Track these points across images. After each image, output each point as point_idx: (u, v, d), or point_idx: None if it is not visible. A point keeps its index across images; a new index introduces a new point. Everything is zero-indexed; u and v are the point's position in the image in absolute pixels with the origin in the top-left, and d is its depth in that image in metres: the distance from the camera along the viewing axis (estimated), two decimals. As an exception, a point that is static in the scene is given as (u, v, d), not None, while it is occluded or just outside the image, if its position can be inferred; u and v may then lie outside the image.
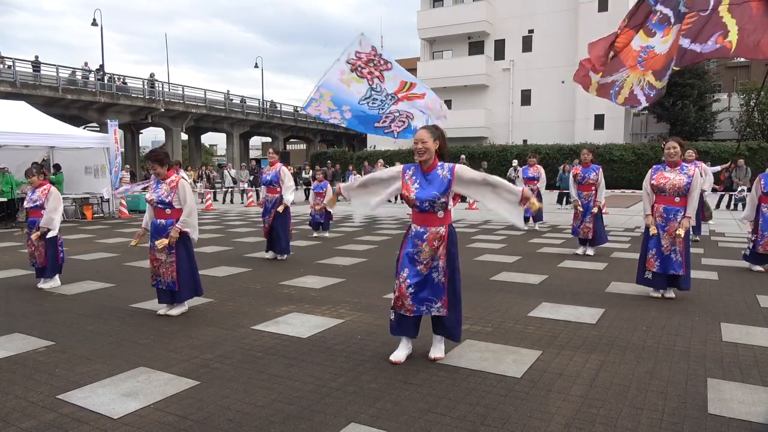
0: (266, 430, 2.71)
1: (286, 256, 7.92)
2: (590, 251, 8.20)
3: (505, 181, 3.55)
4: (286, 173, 7.87)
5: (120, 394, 3.15)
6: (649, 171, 5.46)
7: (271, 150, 8.33)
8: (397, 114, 7.76)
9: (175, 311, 4.90)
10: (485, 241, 9.74)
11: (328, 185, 10.73)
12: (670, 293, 5.41)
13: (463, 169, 3.53)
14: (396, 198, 20.42)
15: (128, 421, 2.83)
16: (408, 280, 3.52)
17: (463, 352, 3.81)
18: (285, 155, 39.54)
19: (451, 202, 3.61)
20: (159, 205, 4.85)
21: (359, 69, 7.73)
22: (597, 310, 4.93)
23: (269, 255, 7.98)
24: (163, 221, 4.86)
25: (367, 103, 7.75)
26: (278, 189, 7.82)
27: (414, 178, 3.58)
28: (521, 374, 3.42)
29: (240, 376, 3.43)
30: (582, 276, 6.60)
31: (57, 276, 6.24)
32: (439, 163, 3.56)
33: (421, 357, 3.70)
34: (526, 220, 11.36)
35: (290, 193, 7.77)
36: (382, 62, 7.71)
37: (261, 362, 3.66)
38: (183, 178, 4.99)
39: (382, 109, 7.81)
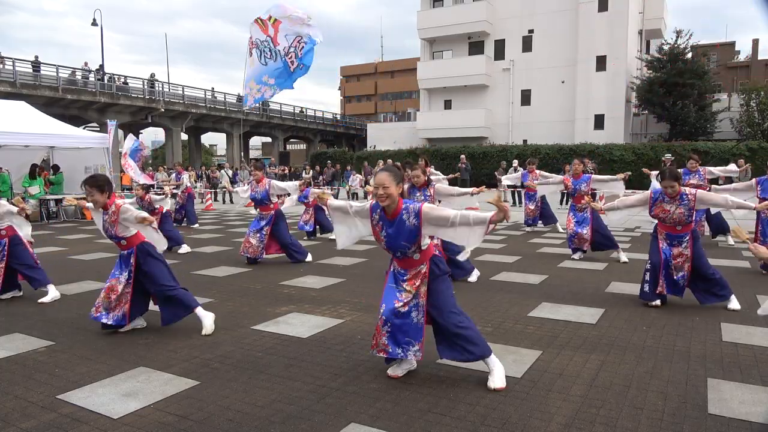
0: (266, 430, 2.71)
1: (309, 255, 7.75)
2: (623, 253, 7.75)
3: (473, 213, 3.21)
4: (277, 185, 7.60)
5: (120, 394, 3.15)
6: (650, 194, 5.06)
7: (252, 168, 8.01)
8: (289, 46, 8.29)
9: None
10: (485, 241, 9.68)
11: (311, 189, 10.27)
12: (734, 304, 4.97)
13: (429, 210, 3.19)
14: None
15: (128, 421, 2.83)
16: (383, 316, 3.29)
17: (463, 352, 3.81)
18: (285, 155, 39.52)
19: (426, 242, 3.32)
20: (113, 240, 4.41)
21: (248, 51, 8.62)
22: (597, 310, 4.92)
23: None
24: (124, 252, 4.42)
25: (264, 59, 8.45)
26: (271, 206, 7.52)
27: (381, 224, 3.30)
28: (521, 374, 3.42)
29: (240, 376, 3.43)
30: (582, 276, 6.60)
31: (51, 286, 5.62)
32: (404, 206, 3.22)
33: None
34: (532, 224, 11.28)
35: (294, 191, 7.61)
36: (251, 42, 8.64)
37: (261, 362, 3.66)
38: (119, 203, 4.35)
39: (277, 54, 8.45)
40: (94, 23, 30.80)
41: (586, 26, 31.34)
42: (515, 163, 19.29)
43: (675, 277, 4.99)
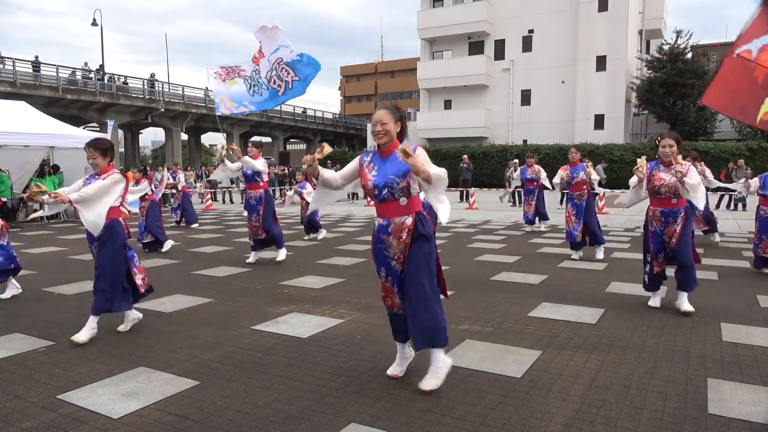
0: (266, 430, 2.71)
1: (284, 251, 7.80)
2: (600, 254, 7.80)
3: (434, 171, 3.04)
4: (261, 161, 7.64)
5: (120, 394, 3.15)
6: (645, 165, 5.03)
7: (250, 144, 7.98)
8: (275, 74, 8.25)
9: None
10: (485, 241, 9.74)
11: (307, 184, 10.29)
12: (687, 305, 4.82)
13: (423, 153, 3.12)
14: (355, 196, 20.07)
15: (128, 421, 2.83)
16: (390, 278, 3.26)
17: (463, 352, 3.81)
18: (285, 155, 39.52)
19: (416, 187, 3.19)
20: None
21: (229, 75, 8.46)
22: (597, 310, 4.92)
23: (252, 258, 7.70)
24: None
25: (254, 89, 8.35)
26: (260, 184, 7.60)
27: (372, 165, 3.25)
28: (521, 374, 3.42)
29: (240, 376, 3.43)
30: (582, 276, 6.60)
31: (12, 279, 5.71)
32: (400, 145, 3.13)
33: (420, 357, 3.69)
34: (531, 222, 11.29)
35: (261, 165, 7.56)
36: (239, 69, 8.43)
37: (261, 362, 3.66)
38: (116, 171, 4.37)
39: (264, 86, 8.36)
40: (94, 23, 30.85)
41: (586, 26, 31.35)
42: (515, 161, 19.29)
43: (674, 248, 4.91)
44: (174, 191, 12.75)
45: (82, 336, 4.08)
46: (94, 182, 4.22)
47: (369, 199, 3.36)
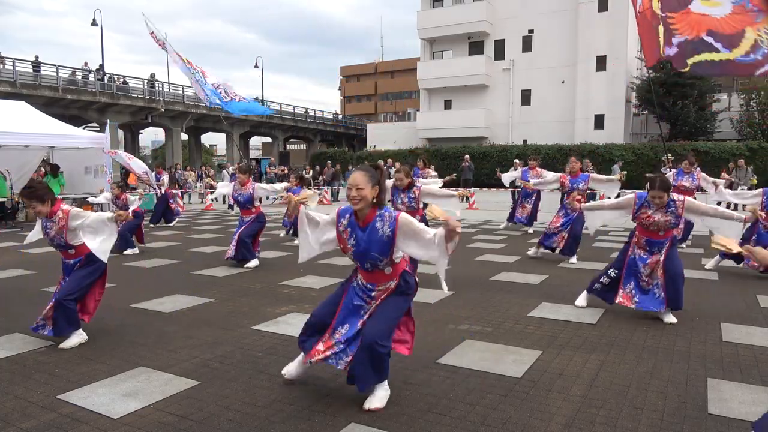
0: (266, 430, 2.71)
1: (256, 261, 7.37)
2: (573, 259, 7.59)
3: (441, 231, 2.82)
4: (262, 187, 7.65)
5: (120, 394, 3.15)
6: (634, 198, 4.70)
7: (237, 170, 7.82)
8: (218, 84, 9.13)
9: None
10: (485, 241, 9.74)
11: (302, 189, 10.00)
12: (670, 317, 4.63)
13: (407, 222, 2.89)
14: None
15: (128, 421, 2.83)
16: (344, 336, 3.00)
17: (463, 352, 3.81)
18: (285, 155, 39.50)
19: (400, 255, 3.02)
20: (59, 249, 4.18)
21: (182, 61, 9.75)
22: (597, 310, 4.92)
23: (253, 264, 7.37)
24: (70, 261, 4.20)
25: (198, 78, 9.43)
26: (253, 210, 7.43)
27: (349, 230, 2.98)
28: (521, 374, 3.42)
29: (240, 376, 3.43)
30: (582, 276, 6.60)
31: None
32: (378, 213, 2.92)
33: (420, 357, 3.70)
34: (520, 222, 11.24)
35: (280, 191, 7.58)
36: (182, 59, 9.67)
37: (261, 362, 3.66)
38: (65, 208, 4.11)
39: (204, 83, 9.14)
40: (94, 23, 30.83)
41: (586, 26, 31.35)
42: (517, 161, 19.26)
43: (648, 288, 4.66)
44: (157, 191, 13.09)
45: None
46: (91, 234, 4.05)
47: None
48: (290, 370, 3.29)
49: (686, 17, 5.98)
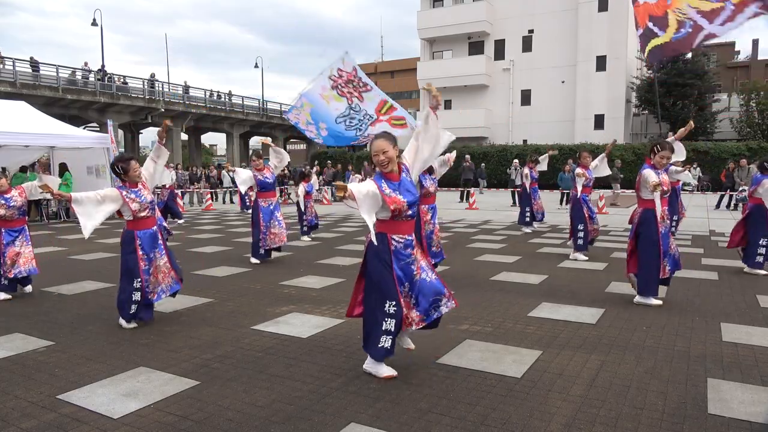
0: (266, 430, 2.71)
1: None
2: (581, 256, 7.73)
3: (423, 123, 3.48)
4: (274, 161, 7.82)
5: (120, 394, 3.15)
6: (648, 170, 5.10)
7: (254, 157, 7.97)
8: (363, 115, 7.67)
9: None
10: (485, 241, 9.73)
11: (314, 185, 10.47)
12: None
13: (407, 157, 3.45)
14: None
15: (128, 421, 2.83)
16: (411, 292, 3.36)
17: (463, 352, 3.81)
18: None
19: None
20: (152, 213, 4.68)
21: (339, 87, 7.48)
22: (597, 310, 4.92)
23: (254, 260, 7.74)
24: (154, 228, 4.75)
25: (345, 121, 7.50)
26: (276, 191, 7.85)
27: (391, 189, 3.32)
28: (521, 374, 3.42)
29: (240, 376, 3.43)
30: (582, 276, 6.60)
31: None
32: (403, 167, 3.41)
33: (421, 357, 3.70)
34: (529, 222, 11.30)
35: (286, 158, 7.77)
36: (361, 84, 7.47)
37: (261, 362, 3.66)
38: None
39: (360, 129, 7.62)
40: (94, 23, 30.84)
41: (586, 26, 31.34)
42: (516, 162, 19.26)
43: (672, 252, 5.25)
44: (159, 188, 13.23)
45: None
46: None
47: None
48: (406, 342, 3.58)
49: (638, 9, 6.53)
